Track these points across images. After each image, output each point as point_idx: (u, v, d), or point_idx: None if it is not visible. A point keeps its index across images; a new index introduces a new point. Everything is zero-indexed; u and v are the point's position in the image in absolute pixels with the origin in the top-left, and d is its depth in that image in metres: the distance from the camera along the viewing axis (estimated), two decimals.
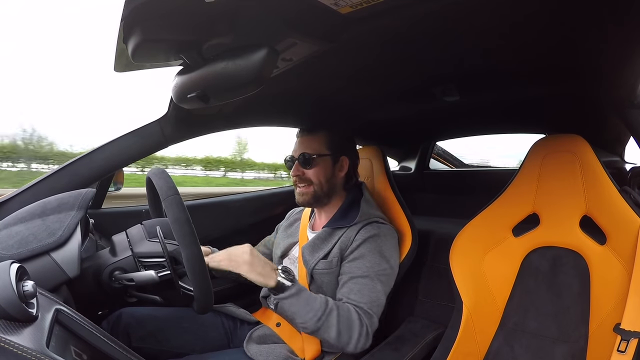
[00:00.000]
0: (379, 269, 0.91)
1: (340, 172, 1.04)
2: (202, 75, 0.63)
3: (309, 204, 1.03)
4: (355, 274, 0.90)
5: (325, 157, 1.01)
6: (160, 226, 0.80)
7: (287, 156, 1.05)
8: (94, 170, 0.90)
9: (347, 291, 0.89)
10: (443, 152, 2.09)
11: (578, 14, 0.62)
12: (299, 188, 1.02)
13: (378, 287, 0.90)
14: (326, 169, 1.01)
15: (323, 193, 1.01)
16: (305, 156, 0.99)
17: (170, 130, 0.97)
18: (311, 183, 1.00)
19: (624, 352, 0.70)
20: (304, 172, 1.00)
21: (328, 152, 1.01)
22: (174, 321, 0.98)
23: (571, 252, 0.87)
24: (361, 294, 0.88)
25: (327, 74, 0.92)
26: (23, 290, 0.45)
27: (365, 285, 0.89)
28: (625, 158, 1.43)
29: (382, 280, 0.91)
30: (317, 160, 1.00)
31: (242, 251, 0.85)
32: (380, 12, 0.58)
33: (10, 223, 0.69)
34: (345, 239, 0.95)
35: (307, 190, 1.00)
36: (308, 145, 1.01)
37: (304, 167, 1.00)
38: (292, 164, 1.03)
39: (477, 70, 0.91)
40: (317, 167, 1.00)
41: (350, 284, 0.89)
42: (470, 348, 0.92)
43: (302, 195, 1.02)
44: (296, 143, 1.05)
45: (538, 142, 0.94)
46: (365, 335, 0.84)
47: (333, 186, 1.03)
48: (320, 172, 1.00)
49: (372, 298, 0.88)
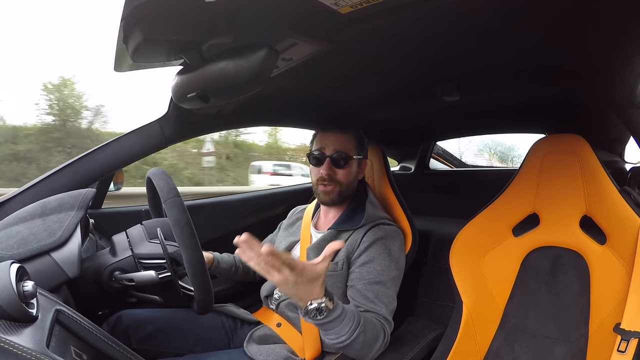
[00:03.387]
0: (389, 272, 0.91)
1: (361, 174, 1.04)
2: (202, 75, 0.63)
3: (333, 203, 1.00)
4: (368, 280, 0.89)
5: (356, 158, 1.00)
6: (161, 227, 0.80)
7: (315, 150, 0.99)
8: (94, 170, 0.90)
9: (364, 299, 0.87)
10: (443, 152, 2.09)
11: (578, 14, 0.62)
12: (323, 186, 0.97)
13: (391, 292, 0.90)
14: (355, 170, 1.00)
15: (347, 193, 1.00)
16: (341, 155, 0.96)
17: (170, 130, 0.97)
18: (339, 183, 0.97)
19: (624, 352, 0.70)
20: (336, 171, 0.97)
21: (359, 153, 1.00)
22: (173, 322, 0.98)
23: (571, 252, 0.87)
24: (380, 302, 0.87)
25: (327, 74, 0.92)
26: (23, 291, 0.45)
27: (379, 291, 0.88)
28: (625, 158, 1.44)
29: (393, 284, 0.91)
30: (352, 161, 0.98)
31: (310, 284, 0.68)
32: (380, 12, 0.58)
33: (11, 223, 0.69)
34: (352, 242, 0.94)
35: (333, 189, 0.97)
36: (342, 144, 0.97)
37: (337, 167, 0.97)
38: (319, 161, 0.97)
39: (477, 70, 0.91)
40: (349, 168, 0.98)
41: (366, 291, 0.88)
42: (470, 348, 0.92)
43: (327, 195, 0.98)
44: (324, 138, 0.99)
45: (538, 142, 0.93)
46: (385, 345, 0.84)
47: (354, 187, 1.02)
48: (351, 174, 0.99)
49: (388, 304, 0.88)
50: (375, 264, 0.91)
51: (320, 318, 0.70)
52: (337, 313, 0.72)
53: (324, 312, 0.70)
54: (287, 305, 0.98)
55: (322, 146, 0.99)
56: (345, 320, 0.73)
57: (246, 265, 1.14)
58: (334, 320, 0.72)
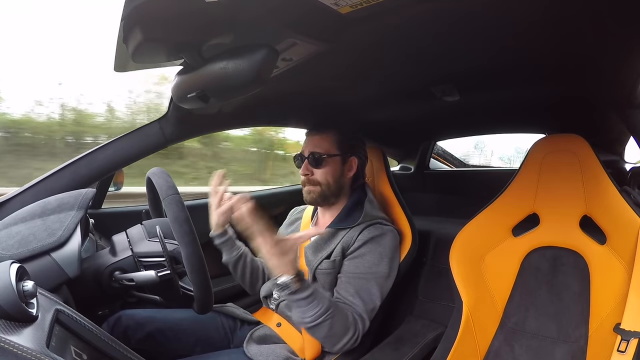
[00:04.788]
0: (377, 270, 0.91)
1: (349, 172, 1.03)
2: (202, 75, 0.63)
3: (316, 202, 1.02)
4: (353, 274, 0.90)
5: (334, 157, 1.00)
6: (160, 226, 0.80)
7: (297, 154, 1.04)
8: (94, 170, 0.90)
9: (344, 292, 0.89)
10: (443, 152, 2.09)
11: (578, 14, 0.62)
12: (306, 186, 1.01)
13: (374, 291, 0.90)
14: (335, 169, 1.00)
15: (330, 193, 1.01)
16: (315, 155, 0.99)
17: (170, 130, 0.97)
18: (318, 183, 0.99)
19: (624, 352, 0.70)
20: (313, 171, 0.99)
21: (337, 152, 1.00)
22: (173, 322, 0.98)
23: (571, 252, 0.87)
24: (358, 297, 0.88)
25: (327, 74, 0.92)
26: (23, 290, 0.45)
27: (362, 287, 0.89)
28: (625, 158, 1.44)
29: (379, 283, 0.91)
30: (326, 160, 0.99)
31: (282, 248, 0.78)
32: (380, 12, 0.58)
33: (11, 223, 0.69)
34: (348, 239, 0.95)
35: (314, 189, 1.00)
36: (318, 145, 1.00)
37: (313, 167, 0.99)
38: (301, 162, 1.02)
39: (477, 70, 0.91)
40: (326, 167, 0.99)
41: (347, 284, 0.90)
42: (470, 348, 0.92)
43: (309, 194, 1.01)
44: (305, 141, 1.04)
45: (538, 142, 0.94)
46: (354, 341, 0.85)
47: (341, 186, 1.02)
48: (329, 173, 0.99)
49: (368, 302, 0.89)
50: (364, 260, 0.91)
51: (285, 294, 0.78)
52: (303, 294, 0.78)
53: (290, 289, 0.78)
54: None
55: (303, 149, 1.03)
56: (313, 304, 0.79)
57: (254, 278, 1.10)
58: (299, 300, 0.79)
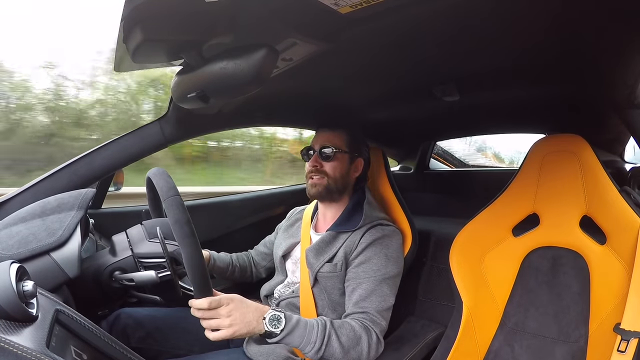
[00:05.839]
0: (385, 271, 0.91)
1: (354, 172, 1.04)
2: (202, 75, 0.63)
3: (320, 195, 1.02)
4: (362, 280, 0.90)
5: (344, 154, 1.01)
6: (161, 226, 0.80)
7: (304, 147, 1.05)
8: (94, 170, 0.90)
9: (356, 299, 0.88)
10: (443, 152, 2.09)
11: (578, 14, 0.62)
12: (312, 179, 1.01)
13: (385, 290, 0.90)
14: (343, 165, 1.01)
15: (336, 187, 1.01)
16: (326, 149, 1.00)
17: (170, 130, 0.97)
18: (326, 175, 1.00)
19: (624, 352, 0.70)
20: (322, 164, 1.00)
21: (347, 150, 1.02)
22: (173, 321, 0.98)
23: (571, 252, 0.87)
24: (369, 300, 0.87)
25: (327, 74, 0.92)
26: (23, 290, 0.45)
27: (373, 290, 0.88)
28: (625, 158, 1.44)
29: (389, 283, 0.91)
30: (337, 155, 1.00)
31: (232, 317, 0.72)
32: (380, 12, 0.58)
33: (10, 223, 0.69)
34: (350, 243, 0.95)
35: (320, 181, 1.00)
36: (329, 140, 1.01)
37: (323, 160, 1.00)
38: (308, 157, 1.02)
39: (477, 70, 0.91)
40: (335, 162, 1.00)
41: (358, 291, 0.89)
42: (470, 348, 0.92)
43: (314, 187, 1.00)
44: (315, 136, 1.05)
45: (538, 142, 0.93)
46: (377, 343, 0.84)
47: (346, 184, 1.03)
48: (337, 168, 1.00)
49: (380, 302, 0.88)
50: (371, 264, 0.91)
51: (283, 327, 0.74)
52: (294, 319, 0.77)
53: (283, 320, 0.75)
54: (287, 305, 0.98)
55: (312, 143, 1.04)
56: (308, 326, 0.78)
57: (243, 265, 1.15)
58: (297, 326, 0.76)
